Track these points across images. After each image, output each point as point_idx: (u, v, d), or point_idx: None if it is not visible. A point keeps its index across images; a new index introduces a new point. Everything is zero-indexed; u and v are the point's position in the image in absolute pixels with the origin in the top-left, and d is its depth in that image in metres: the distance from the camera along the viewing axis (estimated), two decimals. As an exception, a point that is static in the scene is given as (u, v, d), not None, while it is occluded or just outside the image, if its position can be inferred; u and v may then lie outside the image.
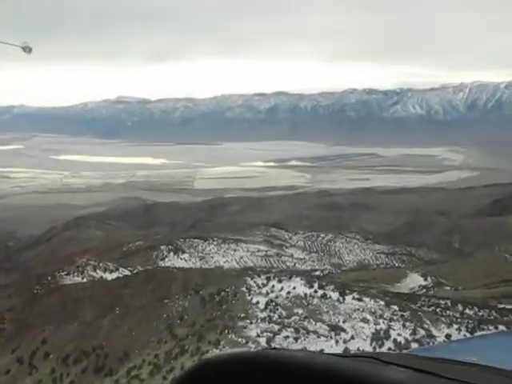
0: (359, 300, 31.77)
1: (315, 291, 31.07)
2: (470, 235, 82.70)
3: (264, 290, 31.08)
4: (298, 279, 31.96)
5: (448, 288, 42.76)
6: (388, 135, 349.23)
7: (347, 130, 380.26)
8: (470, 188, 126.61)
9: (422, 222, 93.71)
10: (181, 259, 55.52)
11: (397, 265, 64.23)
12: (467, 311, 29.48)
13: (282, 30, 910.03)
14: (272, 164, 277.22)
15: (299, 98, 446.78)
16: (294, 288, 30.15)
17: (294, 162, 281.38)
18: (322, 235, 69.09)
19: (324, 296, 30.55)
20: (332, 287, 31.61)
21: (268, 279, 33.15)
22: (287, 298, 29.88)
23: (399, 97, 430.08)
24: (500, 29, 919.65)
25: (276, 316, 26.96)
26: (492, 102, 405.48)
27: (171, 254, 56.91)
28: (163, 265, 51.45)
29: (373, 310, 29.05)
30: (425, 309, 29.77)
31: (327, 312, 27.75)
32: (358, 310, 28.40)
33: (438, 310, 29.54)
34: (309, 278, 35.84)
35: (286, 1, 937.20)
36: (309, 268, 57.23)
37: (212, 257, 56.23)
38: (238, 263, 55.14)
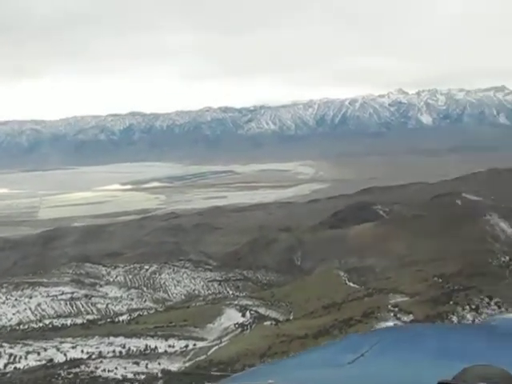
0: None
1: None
2: (311, 250, 79.32)
3: None
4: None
5: (268, 323, 36.70)
6: (244, 152, 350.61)
7: (204, 149, 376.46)
8: (315, 201, 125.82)
9: (265, 239, 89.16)
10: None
11: (230, 293, 57.84)
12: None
13: (137, 49, 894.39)
14: (127, 187, 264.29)
15: (154, 118, 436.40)
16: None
17: (150, 184, 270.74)
18: (146, 267, 60.75)
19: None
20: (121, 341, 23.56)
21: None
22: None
23: (253, 114, 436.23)
24: (345, 48, 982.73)
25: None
26: (338, 117, 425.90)
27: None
28: None
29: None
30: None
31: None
32: None
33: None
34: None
35: (143, 19, 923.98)
36: (124, 308, 48.52)
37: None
38: (33, 313, 44.98)
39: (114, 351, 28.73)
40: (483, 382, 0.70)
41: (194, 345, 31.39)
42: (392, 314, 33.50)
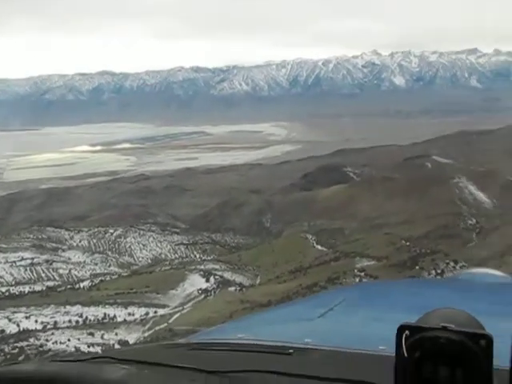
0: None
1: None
2: (281, 213, 78.72)
3: None
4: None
5: (232, 289, 35.92)
6: (216, 113, 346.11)
7: (175, 109, 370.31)
8: (286, 162, 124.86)
9: (235, 201, 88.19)
10: None
11: (197, 256, 56.92)
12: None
13: (106, 7, 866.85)
14: (97, 148, 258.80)
15: (124, 77, 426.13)
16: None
17: (120, 145, 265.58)
18: (111, 230, 59.23)
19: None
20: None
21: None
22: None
23: (226, 74, 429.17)
24: (320, 9, 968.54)
25: None
26: (312, 78, 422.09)
27: None
28: None
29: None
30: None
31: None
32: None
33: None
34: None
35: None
36: (87, 274, 47.20)
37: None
38: (-9, 279, 43.36)
39: (69, 321, 27.59)
40: (446, 323, 0.72)
41: (155, 312, 30.44)
42: (357, 280, 33.01)
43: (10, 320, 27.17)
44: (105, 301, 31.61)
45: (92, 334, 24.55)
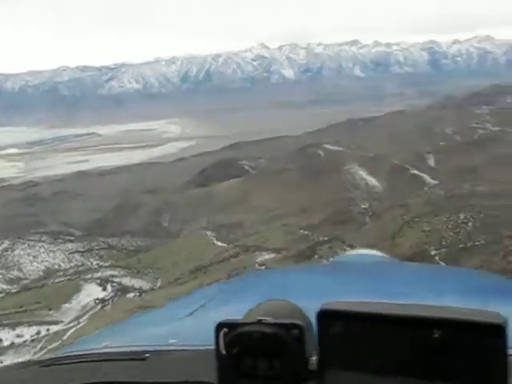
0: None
1: None
2: (179, 211, 77.28)
3: None
4: None
5: (131, 295, 34.33)
6: (106, 112, 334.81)
7: (62, 111, 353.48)
8: (181, 159, 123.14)
9: (131, 203, 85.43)
10: None
11: (94, 263, 54.21)
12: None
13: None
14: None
15: (4, 79, 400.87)
16: None
17: (5, 151, 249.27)
18: (-4, 244, 54.98)
19: None
20: None
21: None
22: None
23: (114, 72, 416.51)
24: (206, 3, 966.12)
25: None
26: (202, 73, 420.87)
27: None
28: None
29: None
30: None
31: None
32: None
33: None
34: None
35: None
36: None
37: None
38: None
39: None
40: (264, 316, 0.73)
41: (48, 330, 28.24)
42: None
43: None
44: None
45: (-27, 364, 22.19)
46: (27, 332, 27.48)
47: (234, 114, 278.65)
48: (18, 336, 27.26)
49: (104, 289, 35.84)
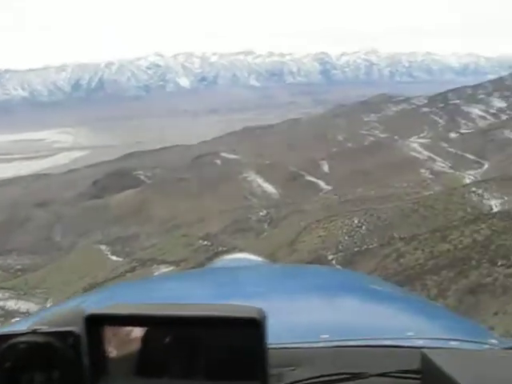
0: None
1: None
2: (72, 225, 73.28)
3: None
4: None
5: (16, 320, 31.50)
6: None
7: None
8: (73, 170, 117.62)
9: (18, 218, 79.93)
10: None
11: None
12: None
13: None
14: None
15: None
16: None
17: None
18: None
19: None
20: None
21: None
22: None
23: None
24: (91, 11, 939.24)
25: None
26: (95, 82, 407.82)
27: None
28: None
29: None
30: None
31: None
32: None
33: None
34: None
35: None
36: None
37: None
38: None
39: None
40: (45, 325, 0.69)
41: None
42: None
43: None
44: None
45: None
46: None
47: (129, 123, 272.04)
48: None
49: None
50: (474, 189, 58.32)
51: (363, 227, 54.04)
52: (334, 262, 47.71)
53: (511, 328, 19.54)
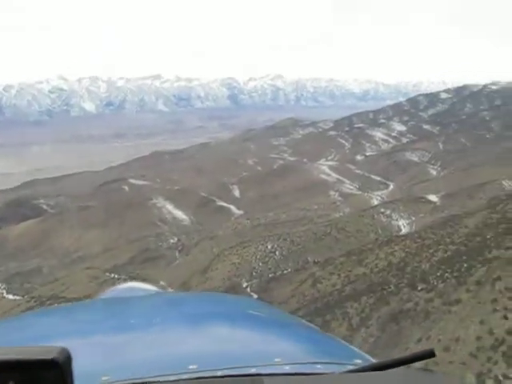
0: None
1: None
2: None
3: None
4: None
5: None
6: None
7: None
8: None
9: None
10: None
11: None
12: None
13: None
14: None
15: None
16: None
17: None
18: None
19: None
20: None
21: None
22: None
23: None
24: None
25: None
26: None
27: None
28: None
29: None
30: None
31: None
32: None
33: None
34: None
35: None
36: None
37: None
38: None
39: None
40: None
41: None
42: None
43: None
44: None
45: None
46: None
47: (30, 149, 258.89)
48: None
49: None
50: (382, 210, 59.29)
51: (277, 252, 53.07)
52: (248, 289, 46.17)
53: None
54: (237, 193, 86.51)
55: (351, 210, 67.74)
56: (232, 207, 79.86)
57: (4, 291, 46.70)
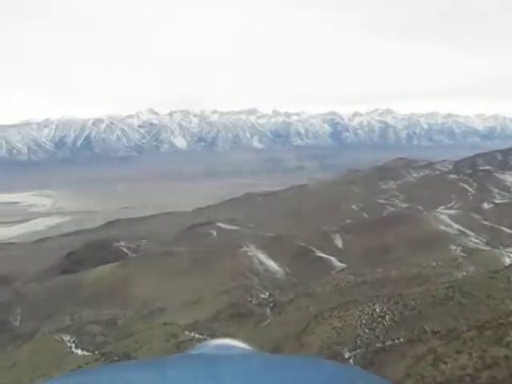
0: None
1: None
2: (35, 306, 68.28)
3: None
4: None
5: None
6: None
7: None
8: (44, 240, 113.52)
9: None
10: None
11: None
12: None
13: None
14: None
15: None
16: None
17: None
18: None
19: None
20: None
21: None
22: None
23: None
24: (82, 64, 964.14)
25: None
26: (81, 140, 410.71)
27: None
28: None
29: None
30: None
31: None
32: None
33: None
34: None
35: None
36: None
37: None
38: None
39: None
40: None
41: None
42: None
43: None
44: None
45: None
46: None
47: (118, 186, 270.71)
48: None
49: None
50: (519, 271, 53.78)
51: (387, 317, 49.11)
52: (351, 360, 42.74)
53: None
54: (339, 243, 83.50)
55: (478, 270, 62.53)
56: (333, 259, 76.93)
57: (73, 344, 46.23)
